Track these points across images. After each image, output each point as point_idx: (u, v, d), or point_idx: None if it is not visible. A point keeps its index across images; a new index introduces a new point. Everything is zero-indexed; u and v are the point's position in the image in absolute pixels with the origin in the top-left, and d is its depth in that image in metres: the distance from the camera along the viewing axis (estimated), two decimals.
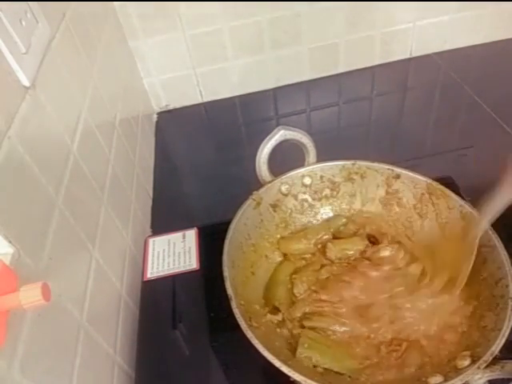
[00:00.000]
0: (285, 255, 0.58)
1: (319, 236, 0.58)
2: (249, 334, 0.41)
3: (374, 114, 0.95)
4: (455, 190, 0.55)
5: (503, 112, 0.84)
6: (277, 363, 0.40)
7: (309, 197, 0.61)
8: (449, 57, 1.03)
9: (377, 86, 1.02)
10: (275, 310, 0.51)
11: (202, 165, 0.87)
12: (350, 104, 0.99)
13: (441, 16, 0.98)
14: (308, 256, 0.57)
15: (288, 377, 0.40)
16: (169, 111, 1.02)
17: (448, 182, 0.56)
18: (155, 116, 1.01)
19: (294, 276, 0.54)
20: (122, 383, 0.51)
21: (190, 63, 0.95)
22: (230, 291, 0.45)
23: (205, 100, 1.02)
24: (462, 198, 0.53)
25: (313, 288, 0.52)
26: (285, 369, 0.39)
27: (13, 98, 0.40)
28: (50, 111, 0.46)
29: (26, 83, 0.42)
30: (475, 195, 0.57)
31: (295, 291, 0.52)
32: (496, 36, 1.03)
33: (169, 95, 1.00)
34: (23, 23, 0.44)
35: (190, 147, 0.93)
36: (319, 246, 0.57)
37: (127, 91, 0.82)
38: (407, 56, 1.04)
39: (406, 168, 0.57)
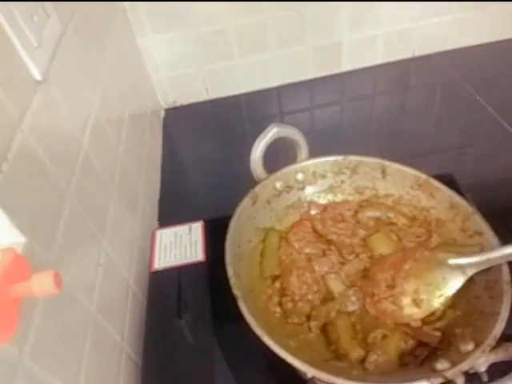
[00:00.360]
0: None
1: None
2: (259, 332, 0.42)
3: (377, 113, 0.96)
4: (456, 187, 0.55)
5: (504, 112, 0.84)
6: (290, 359, 0.40)
7: (303, 192, 0.62)
8: (451, 56, 1.03)
9: (379, 84, 1.03)
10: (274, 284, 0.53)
11: (208, 160, 0.88)
12: (353, 102, 0.99)
13: (443, 16, 0.98)
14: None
15: (290, 365, 0.40)
16: (176, 108, 1.02)
17: (448, 180, 0.57)
18: (163, 112, 1.02)
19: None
20: (129, 370, 0.52)
21: (197, 61, 0.96)
22: (235, 291, 0.45)
23: (211, 97, 1.02)
24: (462, 194, 0.54)
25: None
26: (298, 363, 0.40)
27: (25, 92, 0.40)
28: (61, 105, 0.47)
29: (38, 77, 0.42)
30: (475, 192, 0.59)
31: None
32: (498, 36, 1.03)
33: (176, 92, 1.00)
34: (35, 18, 0.44)
35: (197, 143, 0.93)
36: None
37: (136, 87, 0.83)
38: (410, 55, 1.04)
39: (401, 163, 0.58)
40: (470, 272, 0.46)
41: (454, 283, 0.47)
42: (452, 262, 0.47)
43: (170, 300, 0.56)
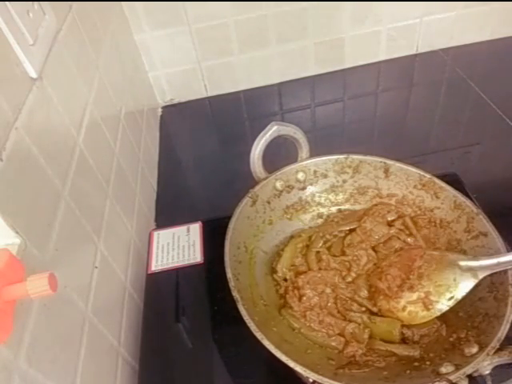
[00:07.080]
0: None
1: None
2: (259, 335, 0.41)
3: (379, 110, 0.95)
4: (460, 187, 0.55)
5: (509, 109, 0.83)
6: (291, 363, 0.40)
7: (304, 192, 0.61)
8: (455, 53, 1.03)
9: (382, 81, 1.02)
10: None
11: (207, 159, 0.87)
12: (355, 100, 0.99)
13: (447, 12, 0.98)
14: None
15: (290, 369, 0.40)
16: (173, 105, 1.02)
17: (453, 179, 0.57)
18: (160, 110, 1.01)
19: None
20: (125, 374, 0.51)
21: (195, 57, 0.95)
22: (235, 293, 0.44)
23: (209, 94, 1.02)
24: (467, 194, 0.53)
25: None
26: (299, 368, 0.39)
27: (20, 90, 0.40)
28: (56, 103, 0.46)
29: (33, 75, 0.42)
30: (481, 192, 0.58)
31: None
32: (503, 33, 1.03)
33: (174, 89, 1.00)
34: (30, 15, 0.44)
35: (195, 141, 0.92)
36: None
37: (132, 84, 0.82)
38: (413, 52, 1.04)
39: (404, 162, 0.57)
40: (481, 275, 0.46)
41: (465, 285, 0.46)
42: (463, 263, 0.47)
43: (168, 303, 0.56)
